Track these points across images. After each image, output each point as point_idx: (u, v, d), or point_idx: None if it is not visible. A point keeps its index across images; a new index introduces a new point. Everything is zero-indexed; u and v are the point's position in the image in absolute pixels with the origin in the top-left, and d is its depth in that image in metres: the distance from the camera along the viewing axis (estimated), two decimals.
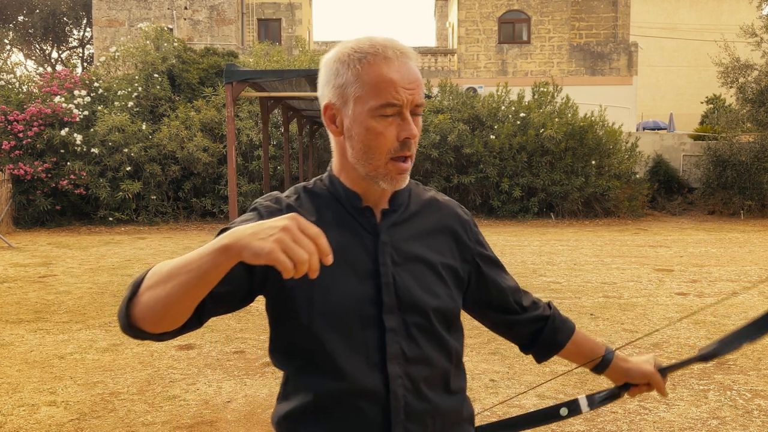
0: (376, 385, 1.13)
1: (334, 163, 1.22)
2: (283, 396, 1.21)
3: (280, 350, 1.19)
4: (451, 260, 1.25)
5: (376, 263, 1.16)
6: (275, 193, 1.22)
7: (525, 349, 1.44)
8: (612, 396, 1.54)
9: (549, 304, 1.44)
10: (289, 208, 1.16)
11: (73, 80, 14.69)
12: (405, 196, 1.24)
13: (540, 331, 1.41)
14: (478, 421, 1.37)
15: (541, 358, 1.44)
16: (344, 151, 1.17)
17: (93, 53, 24.96)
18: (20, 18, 28.95)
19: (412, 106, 1.12)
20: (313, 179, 1.25)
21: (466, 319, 1.33)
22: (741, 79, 16.17)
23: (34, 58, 31.01)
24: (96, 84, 15.12)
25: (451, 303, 1.23)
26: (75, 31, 30.84)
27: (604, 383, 1.57)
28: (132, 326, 1.02)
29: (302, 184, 1.24)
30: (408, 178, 1.17)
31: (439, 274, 1.21)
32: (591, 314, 6.17)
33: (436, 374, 1.19)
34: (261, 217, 1.14)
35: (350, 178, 1.19)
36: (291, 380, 1.19)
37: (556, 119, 14.99)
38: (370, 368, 1.13)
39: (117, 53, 16.15)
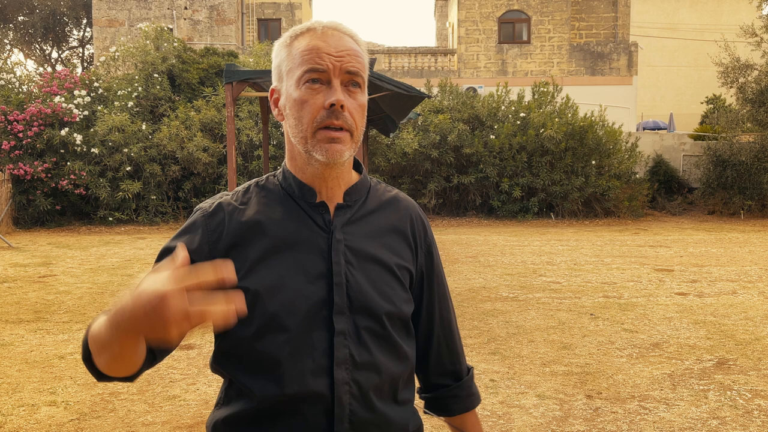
0: (321, 391, 1.06)
1: (286, 153, 1.17)
2: (223, 401, 1.15)
3: (225, 354, 1.12)
4: (408, 262, 1.18)
5: (329, 262, 1.09)
6: (220, 195, 1.17)
7: (420, 392, 1.33)
8: None
9: (469, 369, 1.33)
10: (230, 214, 1.12)
11: (73, 80, 14.69)
12: (362, 191, 1.18)
13: (443, 387, 1.29)
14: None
15: (429, 408, 1.33)
16: (289, 135, 1.13)
17: (93, 53, 24.96)
18: (20, 18, 28.96)
19: (342, 74, 1.06)
20: (266, 175, 1.20)
21: (467, 319, 1.33)
22: (741, 79, 16.18)
23: (34, 58, 31.02)
24: (96, 84, 15.12)
25: (406, 307, 1.17)
26: (75, 31, 30.85)
27: (603, 384, 1.55)
28: (102, 375, 1.02)
29: (255, 179, 1.19)
30: (346, 151, 1.08)
31: (395, 276, 1.15)
32: (591, 314, 6.17)
33: (386, 382, 1.12)
34: (200, 229, 1.11)
35: (298, 166, 1.13)
36: (233, 384, 1.12)
37: (556, 119, 14.99)
38: (316, 373, 1.07)
39: (117, 53, 16.15)
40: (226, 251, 1.09)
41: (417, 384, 1.28)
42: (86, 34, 30.15)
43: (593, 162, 14.98)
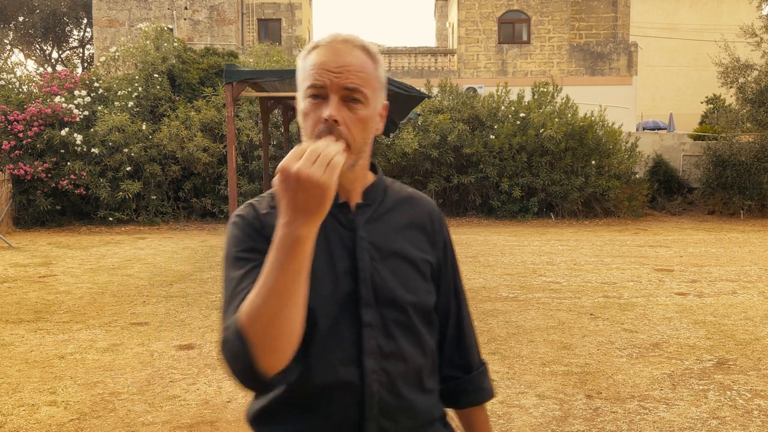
0: (352, 380, 1.13)
1: None
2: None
3: None
4: (428, 255, 1.25)
5: (354, 259, 1.16)
6: (249, 201, 1.23)
7: None
8: None
9: (482, 364, 1.37)
10: (267, 215, 1.17)
11: (73, 80, 14.69)
12: (380, 191, 1.24)
13: (453, 379, 1.33)
14: None
15: (441, 399, 1.36)
16: None
17: (93, 53, 24.96)
18: (20, 18, 28.95)
19: (340, 90, 1.11)
20: None
21: None
22: (741, 79, 16.18)
23: (34, 58, 31.01)
24: (96, 84, 15.12)
25: (429, 298, 1.23)
26: (75, 31, 30.85)
27: (601, 383, 1.56)
28: (259, 375, 1.01)
29: None
30: (347, 161, 1.12)
31: (417, 269, 1.22)
32: (591, 314, 6.17)
33: (411, 371, 1.19)
34: (239, 230, 1.17)
35: None
36: None
37: (556, 119, 14.99)
38: (347, 363, 1.13)
39: (117, 53, 16.14)
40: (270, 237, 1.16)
41: None
42: (86, 34, 30.15)
43: (593, 162, 14.98)
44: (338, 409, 1.13)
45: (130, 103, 14.51)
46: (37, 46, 30.51)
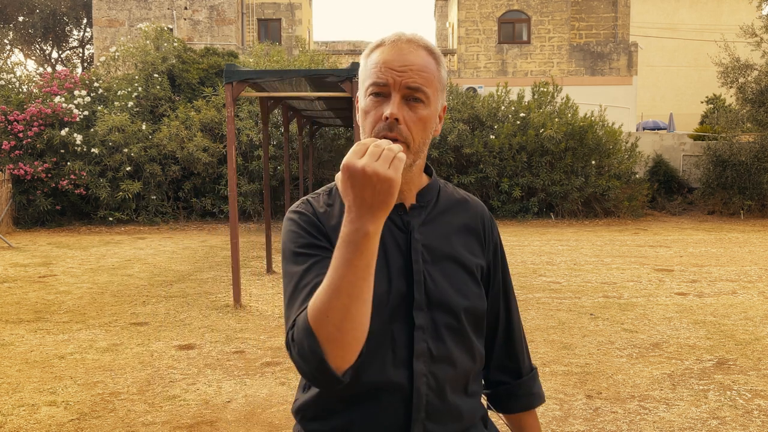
0: (401, 381, 1.13)
1: None
2: (306, 386, 1.21)
3: None
4: (480, 259, 1.25)
5: (409, 260, 1.16)
6: (305, 198, 1.23)
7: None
8: None
9: (532, 369, 1.37)
10: (324, 213, 1.18)
11: (73, 80, 14.69)
12: (433, 192, 1.24)
13: (502, 384, 1.34)
14: None
15: (490, 403, 1.39)
16: None
17: (93, 53, 24.95)
18: (20, 18, 28.95)
19: (402, 89, 1.11)
20: None
21: None
22: (741, 79, 16.17)
23: (34, 58, 31.01)
24: (96, 84, 15.12)
25: (481, 303, 1.23)
26: (75, 31, 30.84)
27: (602, 384, 1.55)
28: (331, 371, 1.00)
29: (334, 182, 1.25)
30: (407, 161, 1.13)
31: (471, 273, 1.22)
32: (591, 314, 6.17)
33: (460, 375, 1.19)
34: (297, 226, 1.16)
35: None
36: None
37: (556, 119, 14.98)
38: (397, 364, 1.13)
39: (117, 53, 16.14)
40: (329, 233, 1.16)
41: None
42: (86, 34, 30.15)
43: (593, 162, 14.97)
44: (385, 409, 1.13)
45: (130, 103, 14.51)
46: (37, 46, 30.51)
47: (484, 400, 1.33)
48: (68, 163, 13.65)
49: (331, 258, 0.99)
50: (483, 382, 1.35)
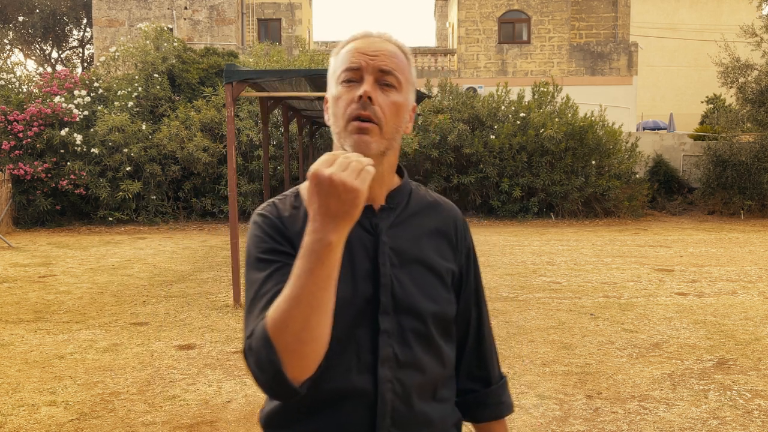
0: (365, 387, 1.10)
1: None
2: None
3: None
4: (450, 263, 1.22)
5: (375, 263, 1.13)
6: (272, 200, 1.21)
7: None
8: None
9: (501, 377, 1.34)
10: (290, 216, 1.15)
11: (73, 80, 14.69)
12: (404, 194, 1.21)
13: (471, 392, 1.30)
14: None
15: (459, 411, 1.33)
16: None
17: (93, 53, 24.95)
18: (20, 18, 28.95)
19: (375, 72, 1.11)
20: None
21: None
22: (741, 79, 16.17)
23: (34, 58, 31.01)
24: (96, 84, 15.11)
25: (450, 308, 1.20)
26: (75, 31, 30.84)
27: (602, 385, 1.55)
28: (287, 382, 0.99)
29: (303, 184, 1.22)
30: (373, 143, 1.10)
31: (440, 278, 1.19)
32: (591, 314, 6.16)
33: (427, 381, 1.16)
34: (261, 230, 1.14)
35: None
36: None
37: (556, 119, 14.98)
38: (361, 370, 1.10)
39: (117, 53, 16.14)
40: (293, 239, 1.14)
41: None
42: (86, 34, 30.15)
43: (593, 162, 14.97)
44: (350, 416, 1.11)
45: (130, 103, 14.51)
46: (37, 46, 30.51)
47: None
48: (68, 163, 13.65)
49: (293, 265, 0.98)
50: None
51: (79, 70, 22.76)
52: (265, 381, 1.00)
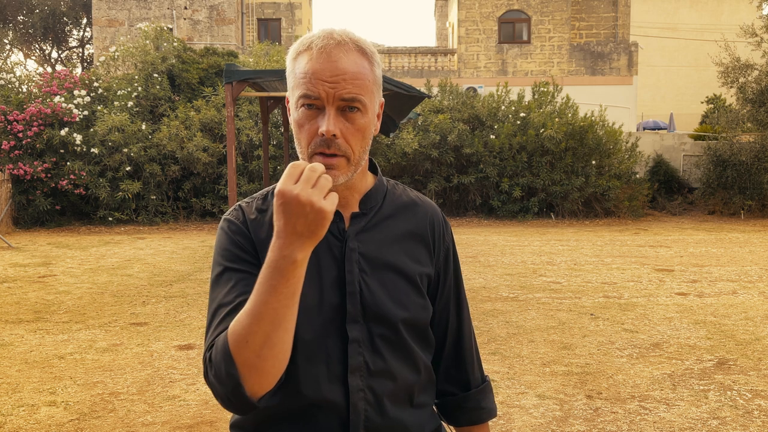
0: (336, 398, 1.08)
1: None
2: None
3: None
4: (426, 267, 1.18)
5: (343, 270, 1.10)
6: (238, 203, 1.18)
7: None
8: None
9: (483, 380, 1.30)
10: (255, 220, 1.13)
11: (72, 80, 14.68)
12: (378, 197, 1.17)
13: (450, 395, 1.28)
14: None
15: (440, 414, 1.32)
16: None
17: (93, 53, 24.94)
18: (20, 18, 28.95)
19: (336, 101, 1.03)
20: None
21: None
22: (741, 79, 16.17)
23: (34, 58, 31.01)
24: (96, 84, 15.11)
25: (424, 314, 1.16)
26: (75, 31, 30.83)
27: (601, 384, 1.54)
28: (245, 397, 0.98)
29: (271, 187, 1.16)
30: (340, 176, 1.06)
31: (413, 283, 1.15)
32: (591, 314, 6.16)
33: (401, 388, 1.13)
34: (226, 237, 1.12)
35: None
36: None
37: (556, 119, 14.98)
38: (331, 380, 1.08)
39: (117, 53, 16.13)
40: (257, 246, 1.11)
41: None
42: (86, 34, 30.15)
43: (593, 162, 14.97)
44: (321, 427, 1.08)
45: (130, 103, 14.50)
46: (37, 45, 30.50)
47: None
48: (68, 163, 13.65)
49: (257, 273, 0.96)
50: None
51: (79, 70, 22.77)
52: (224, 394, 0.98)
